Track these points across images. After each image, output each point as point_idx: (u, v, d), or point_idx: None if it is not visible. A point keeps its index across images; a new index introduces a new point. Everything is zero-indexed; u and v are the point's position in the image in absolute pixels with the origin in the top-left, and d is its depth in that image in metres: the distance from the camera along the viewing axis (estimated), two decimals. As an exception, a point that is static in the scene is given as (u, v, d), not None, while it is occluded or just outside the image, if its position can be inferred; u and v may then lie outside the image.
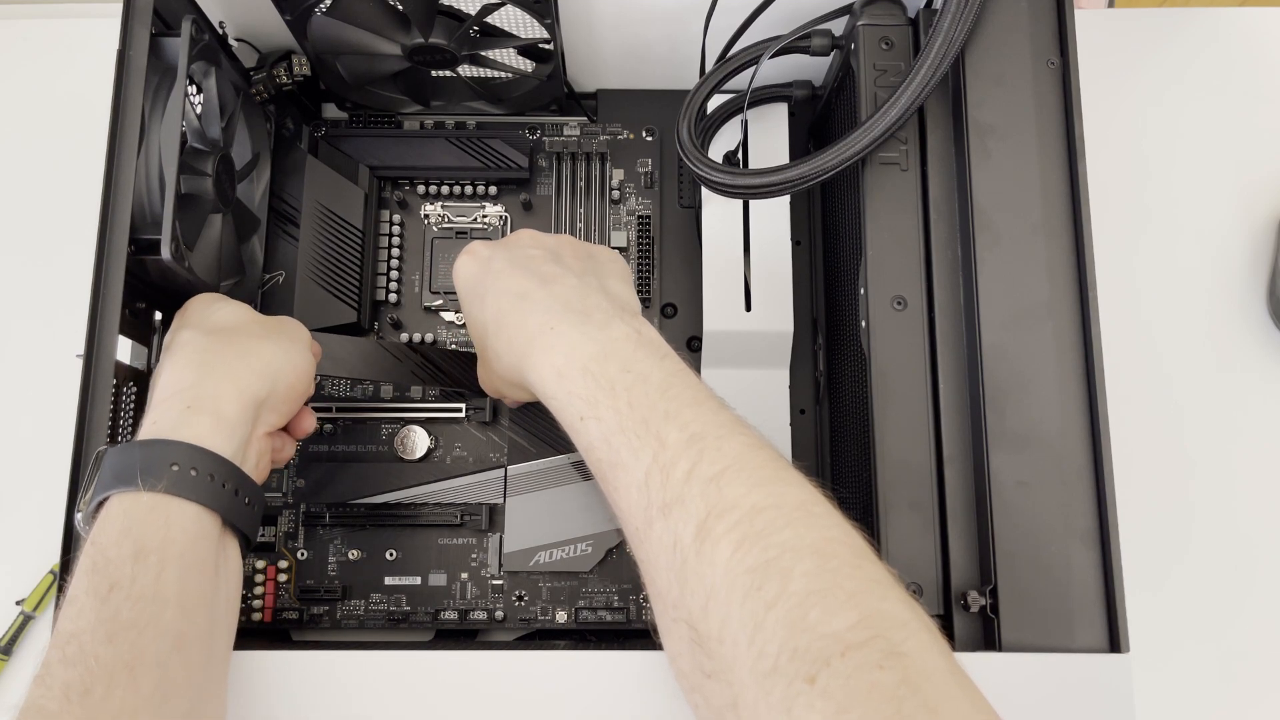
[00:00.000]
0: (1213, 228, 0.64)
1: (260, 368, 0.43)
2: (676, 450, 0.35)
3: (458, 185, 0.59)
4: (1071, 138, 0.44)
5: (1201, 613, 0.58)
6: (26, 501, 0.60)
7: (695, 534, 0.33)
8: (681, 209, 0.59)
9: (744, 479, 0.34)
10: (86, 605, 0.35)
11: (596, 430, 0.37)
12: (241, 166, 0.53)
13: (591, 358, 0.38)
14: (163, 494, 0.37)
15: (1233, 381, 0.62)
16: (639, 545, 0.36)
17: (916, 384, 0.44)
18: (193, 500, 0.38)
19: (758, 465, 0.34)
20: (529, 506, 0.54)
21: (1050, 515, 0.41)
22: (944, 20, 0.43)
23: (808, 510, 0.33)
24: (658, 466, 0.35)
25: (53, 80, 0.67)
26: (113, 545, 0.36)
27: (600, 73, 0.60)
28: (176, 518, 0.37)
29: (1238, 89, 0.66)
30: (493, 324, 0.42)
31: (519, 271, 0.43)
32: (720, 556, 0.32)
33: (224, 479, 0.39)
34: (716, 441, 0.35)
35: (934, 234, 0.45)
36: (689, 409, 0.36)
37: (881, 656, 0.29)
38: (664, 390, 0.37)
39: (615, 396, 0.37)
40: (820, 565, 0.31)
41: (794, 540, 0.32)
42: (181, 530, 0.37)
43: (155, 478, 0.37)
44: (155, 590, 0.36)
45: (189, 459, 0.38)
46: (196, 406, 0.40)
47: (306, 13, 0.50)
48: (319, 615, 0.53)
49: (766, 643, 0.30)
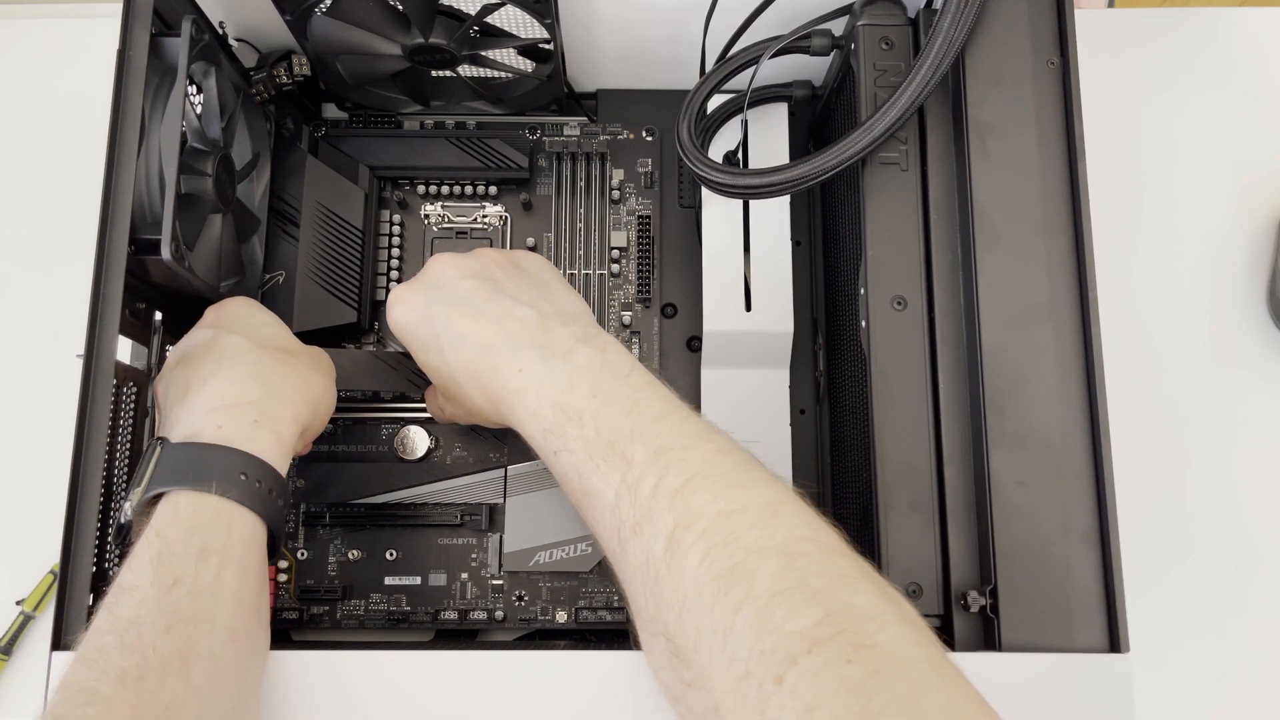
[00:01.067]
0: (1213, 228, 0.64)
1: (311, 398, 0.45)
2: (643, 467, 0.35)
3: (458, 185, 0.59)
4: (1071, 138, 0.44)
5: (1201, 613, 0.58)
6: (26, 501, 0.60)
7: (665, 547, 0.33)
8: (681, 209, 0.59)
9: (710, 485, 0.34)
10: (149, 595, 0.36)
11: (568, 462, 0.38)
12: (241, 166, 0.53)
13: (560, 391, 0.39)
14: (230, 500, 0.39)
15: (1232, 381, 0.62)
16: (618, 567, 0.37)
17: (916, 384, 0.44)
18: (253, 510, 0.40)
19: (724, 470, 0.35)
20: (529, 506, 0.54)
21: (1050, 515, 0.41)
22: (944, 20, 0.43)
23: (775, 510, 0.33)
24: (625, 487, 0.35)
25: (53, 80, 0.67)
26: (179, 541, 0.37)
27: (600, 73, 0.60)
28: (239, 524, 0.39)
29: (1238, 89, 0.66)
30: (462, 375, 0.43)
31: (465, 314, 0.43)
32: (689, 567, 0.32)
33: (279, 494, 0.41)
34: (682, 452, 0.35)
35: (934, 234, 0.45)
36: (654, 424, 0.37)
37: (850, 650, 0.29)
38: (629, 409, 0.37)
39: (582, 425, 0.37)
40: (787, 565, 0.31)
41: (760, 542, 0.32)
42: (242, 536, 0.39)
43: (228, 484, 0.39)
44: (215, 588, 0.37)
45: (255, 471, 0.40)
46: (263, 423, 0.41)
47: (306, 13, 0.50)
48: (319, 615, 0.53)
49: (737, 647, 0.30)
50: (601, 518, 0.37)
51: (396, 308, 0.45)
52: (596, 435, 0.37)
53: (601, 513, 0.36)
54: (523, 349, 0.41)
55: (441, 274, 0.45)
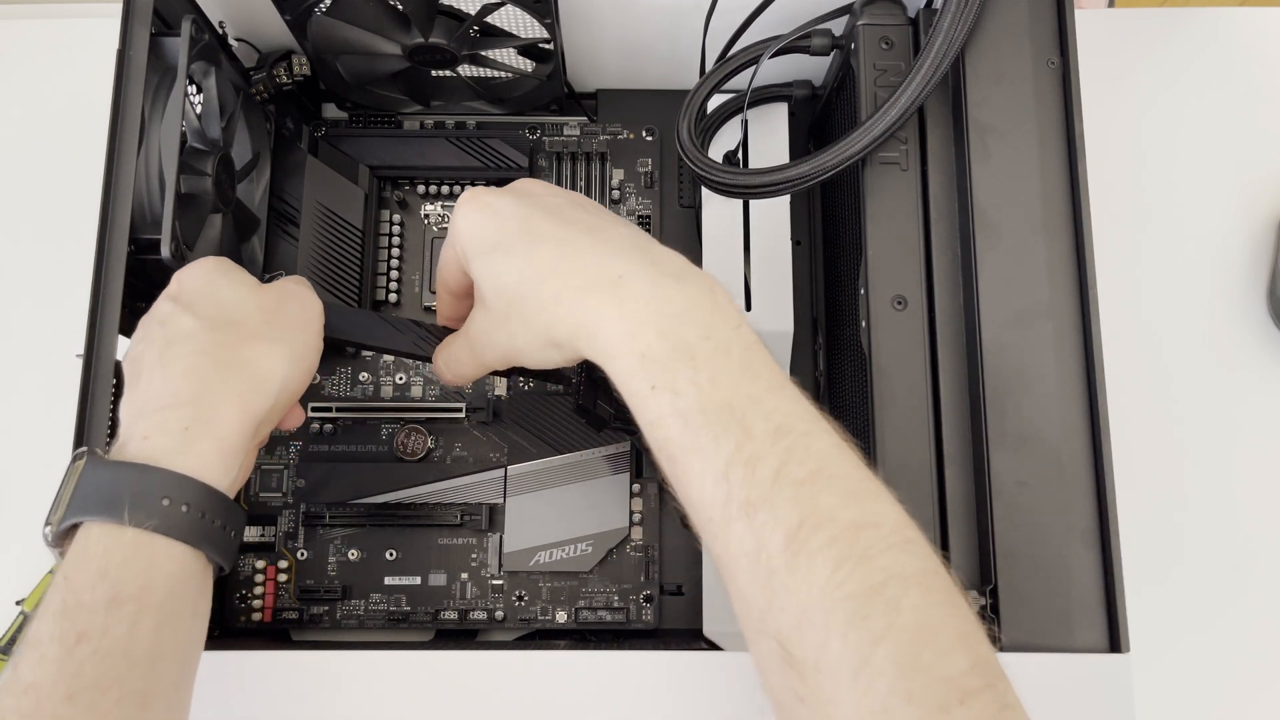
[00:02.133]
0: (1213, 228, 0.64)
1: (266, 379, 0.38)
2: (763, 443, 0.32)
3: (458, 185, 0.59)
4: (1072, 137, 0.44)
5: (1202, 612, 0.58)
6: (26, 502, 0.60)
7: (785, 543, 0.30)
8: (681, 209, 0.59)
9: (836, 487, 0.31)
10: (49, 654, 0.32)
11: (670, 405, 0.33)
12: (241, 166, 0.53)
13: (669, 318, 0.34)
14: (149, 533, 0.33)
15: (1233, 381, 0.62)
16: (713, 540, 0.33)
17: (916, 384, 0.44)
18: (182, 541, 0.34)
19: (847, 472, 0.32)
20: (529, 506, 0.54)
21: (1050, 515, 0.41)
22: (944, 20, 0.43)
23: (905, 535, 0.31)
24: (741, 459, 0.31)
25: (53, 80, 0.67)
26: (87, 588, 0.32)
27: (600, 73, 0.60)
28: (162, 561, 0.34)
29: (1238, 89, 0.66)
30: (532, 279, 0.36)
31: (555, 218, 0.37)
32: (817, 575, 0.30)
33: (215, 515, 0.35)
34: (804, 438, 0.32)
35: (934, 234, 0.45)
36: (771, 394, 0.33)
37: (997, 709, 0.28)
38: (745, 368, 0.33)
39: (695, 368, 0.33)
40: (925, 599, 0.30)
41: (898, 567, 0.30)
42: (166, 576, 0.34)
43: (145, 513, 0.33)
44: (127, 646, 0.32)
45: (183, 493, 0.34)
46: (196, 429, 0.36)
47: (306, 13, 0.50)
48: (319, 615, 0.53)
49: (874, 679, 0.28)
50: (703, 481, 0.32)
51: (469, 208, 0.38)
52: (712, 386, 0.32)
53: (705, 476, 0.32)
54: (625, 254, 0.35)
55: (531, 188, 0.39)
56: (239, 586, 0.53)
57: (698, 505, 0.33)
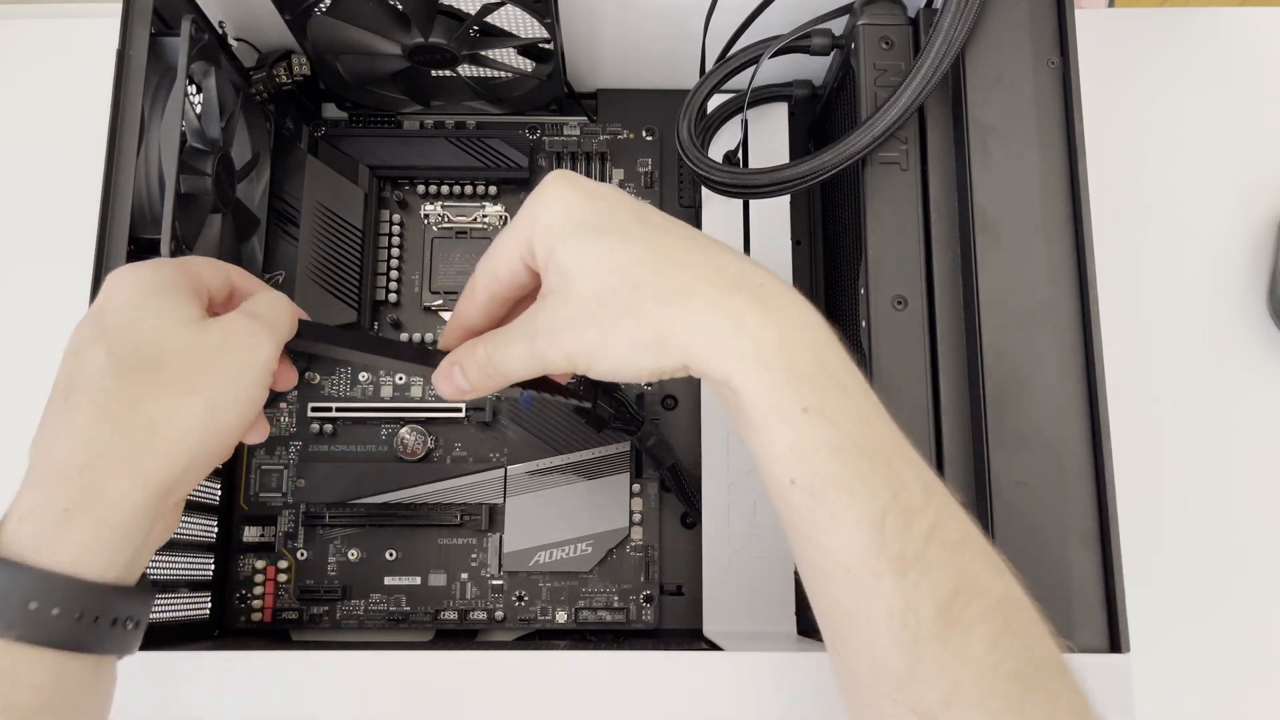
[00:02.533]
0: (1213, 228, 0.64)
1: (174, 445, 0.31)
2: (916, 497, 0.30)
3: (458, 185, 0.59)
4: (1072, 137, 0.44)
5: (1202, 612, 0.58)
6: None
7: (938, 611, 0.29)
8: (681, 209, 0.59)
9: (982, 559, 0.30)
10: None
11: (825, 435, 0.29)
12: (241, 166, 0.53)
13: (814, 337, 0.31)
14: (13, 642, 0.29)
15: (1232, 381, 0.62)
16: (843, 590, 0.30)
17: (916, 384, 0.44)
18: (55, 648, 0.29)
19: (987, 544, 0.31)
20: (529, 506, 0.54)
21: (1050, 515, 0.41)
22: (944, 20, 0.43)
23: (1036, 614, 0.31)
24: (899, 509, 0.29)
25: (53, 80, 0.67)
26: None
27: (600, 73, 0.60)
28: (28, 673, 0.29)
29: (1238, 89, 0.66)
30: (656, 261, 0.32)
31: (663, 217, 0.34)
32: (974, 650, 0.28)
33: (96, 611, 0.30)
34: (946, 499, 0.30)
35: (934, 234, 0.45)
36: (910, 448, 0.31)
37: None
38: (883, 412, 0.31)
39: (846, 398, 0.30)
40: (1069, 686, 0.30)
41: (1046, 651, 0.30)
42: (34, 689, 0.29)
43: (5, 623, 0.29)
44: None
45: (53, 595, 0.29)
46: (78, 511, 0.30)
47: (306, 12, 0.50)
48: (319, 615, 0.53)
49: None
50: (850, 528, 0.29)
51: (561, 184, 0.34)
52: (866, 425, 0.30)
53: (857, 523, 0.29)
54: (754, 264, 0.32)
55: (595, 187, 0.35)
56: (239, 587, 0.53)
57: (832, 550, 0.30)
